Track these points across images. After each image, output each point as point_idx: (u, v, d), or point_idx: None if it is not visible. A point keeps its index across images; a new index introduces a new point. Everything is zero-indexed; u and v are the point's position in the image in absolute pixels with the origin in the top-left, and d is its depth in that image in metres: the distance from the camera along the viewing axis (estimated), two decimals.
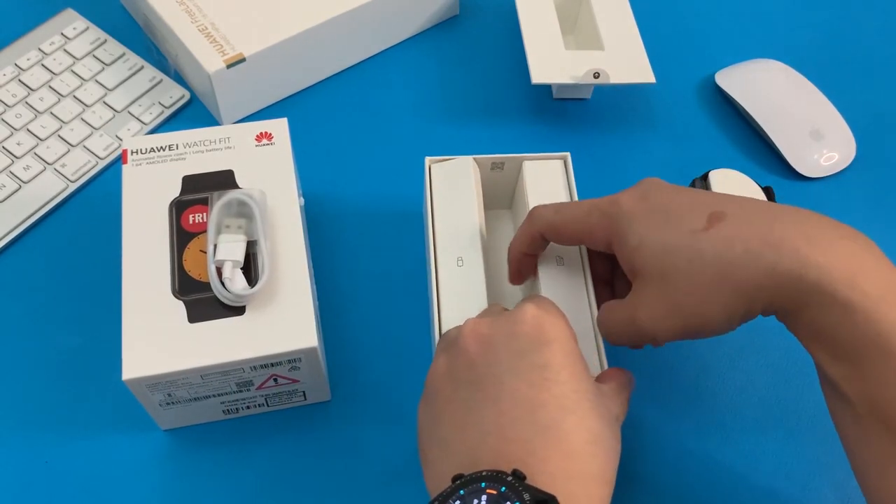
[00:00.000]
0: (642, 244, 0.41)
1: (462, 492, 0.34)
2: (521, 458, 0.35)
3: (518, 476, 0.34)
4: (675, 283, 0.40)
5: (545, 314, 0.40)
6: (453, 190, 0.53)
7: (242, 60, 0.61)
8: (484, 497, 0.33)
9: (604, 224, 0.44)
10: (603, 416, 0.38)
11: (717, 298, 0.39)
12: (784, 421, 0.54)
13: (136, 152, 0.53)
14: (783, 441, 0.53)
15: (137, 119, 0.64)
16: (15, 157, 0.61)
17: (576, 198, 0.53)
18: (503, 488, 0.33)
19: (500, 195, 0.59)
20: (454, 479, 0.35)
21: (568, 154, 0.55)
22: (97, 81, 0.65)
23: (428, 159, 0.54)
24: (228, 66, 0.61)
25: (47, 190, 0.60)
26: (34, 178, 0.60)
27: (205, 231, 0.49)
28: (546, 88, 0.69)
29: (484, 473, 0.34)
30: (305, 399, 0.52)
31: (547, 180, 0.54)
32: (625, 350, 0.45)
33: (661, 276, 0.40)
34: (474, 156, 0.54)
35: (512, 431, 0.36)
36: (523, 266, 0.50)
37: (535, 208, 0.47)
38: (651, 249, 0.41)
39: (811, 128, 0.66)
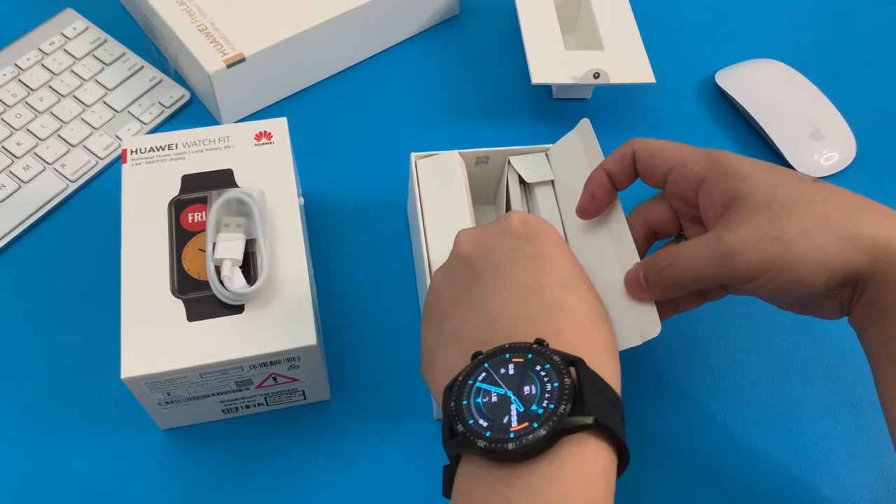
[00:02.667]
0: (750, 176, 0.41)
1: (487, 365, 0.35)
2: (534, 333, 0.37)
3: (542, 343, 0.35)
4: (779, 213, 0.40)
5: (530, 216, 0.42)
6: (441, 185, 0.53)
7: (242, 60, 0.61)
8: (511, 365, 0.35)
9: (703, 157, 0.44)
10: (594, 294, 0.41)
11: (819, 239, 0.39)
12: (785, 420, 0.53)
13: (136, 152, 0.53)
14: (784, 440, 0.53)
15: (137, 119, 0.64)
16: (15, 156, 0.61)
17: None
18: (529, 355, 0.35)
19: (484, 190, 0.59)
20: (474, 356, 0.37)
21: (549, 146, 0.55)
22: (97, 81, 0.66)
23: (413, 155, 0.54)
24: (228, 66, 0.61)
25: (47, 190, 0.60)
26: (34, 177, 0.60)
27: (204, 230, 0.49)
28: (546, 88, 0.69)
29: (507, 346, 0.36)
30: (305, 398, 0.52)
31: (530, 172, 0.55)
32: (624, 351, 0.45)
33: (766, 205, 0.40)
34: (459, 150, 0.55)
35: (519, 310, 0.38)
36: (598, 190, 0.47)
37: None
38: (760, 181, 0.41)
39: (811, 128, 0.65)
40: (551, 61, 0.64)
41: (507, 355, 0.35)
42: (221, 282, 0.47)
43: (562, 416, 0.33)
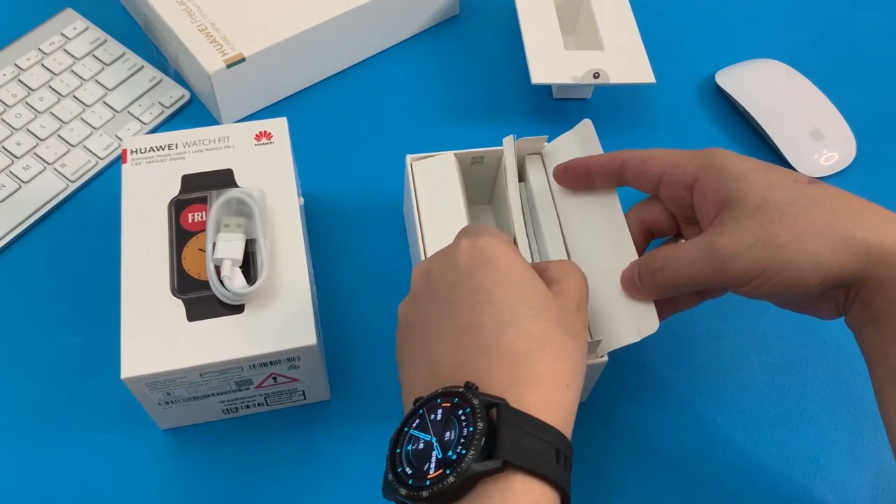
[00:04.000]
0: (744, 177, 0.41)
1: (421, 411, 0.36)
2: (473, 379, 0.36)
3: (470, 387, 0.35)
4: (772, 217, 0.40)
5: (478, 238, 0.40)
6: (437, 186, 0.53)
7: (242, 60, 0.61)
8: (440, 411, 0.35)
9: (695, 157, 0.44)
10: (550, 318, 0.38)
11: (813, 243, 0.39)
12: (785, 420, 0.53)
13: (136, 152, 0.53)
14: (784, 440, 0.53)
15: (137, 119, 0.64)
16: (15, 156, 0.61)
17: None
18: (455, 399, 0.35)
19: (480, 190, 0.59)
20: (414, 402, 0.37)
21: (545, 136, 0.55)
22: (97, 81, 0.66)
23: (409, 157, 0.54)
24: (228, 66, 0.61)
25: (47, 190, 0.60)
26: (34, 177, 0.60)
27: (204, 230, 0.49)
28: (546, 88, 0.69)
29: (439, 391, 0.36)
30: (305, 398, 0.52)
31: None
32: (623, 349, 0.45)
33: (759, 209, 0.40)
34: (455, 151, 0.55)
35: (457, 357, 0.37)
36: (573, 168, 0.50)
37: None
38: (754, 183, 0.41)
39: (811, 128, 0.65)
40: (551, 61, 0.64)
41: (439, 400, 0.36)
42: (221, 282, 0.47)
43: (469, 463, 0.33)
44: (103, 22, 0.69)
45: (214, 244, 0.48)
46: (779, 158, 0.65)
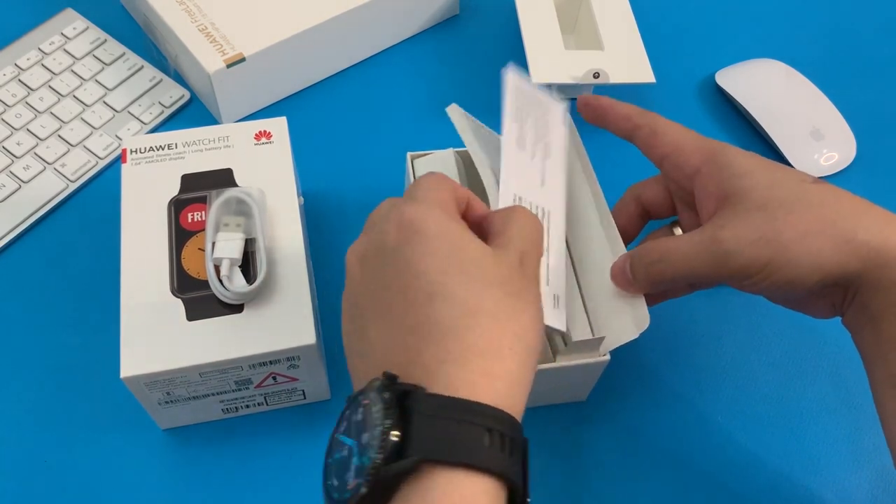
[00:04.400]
0: (749, 173, 0.41)
1: (347, 413, 0.34)
2: (397, 362, 0.34)
3: (385, 378, 0.33)
4: (775, 214, 0.40)
5: (404, 211, 0.37)
6: None
7: (242, 60, 0.61)
8: (360, 410, 0.33)
9: (701, 149, 0.44)
10: (486, 279, 0.35)
11: (815, 242, 0.39)
12: (785, 420, 0.53)
13: (136, 151, 0.53)
14: (784, 440, 0.53)
15: (137, 119, 0.64)
16: (15, 156, 0.61)
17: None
18: (372, 394, 0.32)
19: (480, 189, 0.58)
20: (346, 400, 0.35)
21: None
22: (97, 81, 0.66)
23: (410, 154, 0.54)
24: (228, 66, 0.61)
25: (47, 190, 0.60)
26: (34, 177, 0.60)
27: (203, 229, 0.49)
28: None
29: (364, 386, 0.33)
30: (305, 398, 0.52)
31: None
32: (624, 348, 0.45)
33: (763, 206, 0.40)
34: (455, 149, 0.54)
35: (389, 342, 0.35)
36: (597, 110, 0.49)
37: None
38: (758, 179, 0.41)
39: (811, 127, 0.65)
40: (551, 61, 0.64)
41: (360, 398, 0.33)
42: (221, 281, 0.46)
43: (378, 467, 0.30)
44: (103, 22, 0.69)
45: (214, 244, 0.48)
46: (779, 158, 0.65)
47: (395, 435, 0.31)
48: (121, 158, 0.52)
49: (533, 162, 0.48)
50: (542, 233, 0.40)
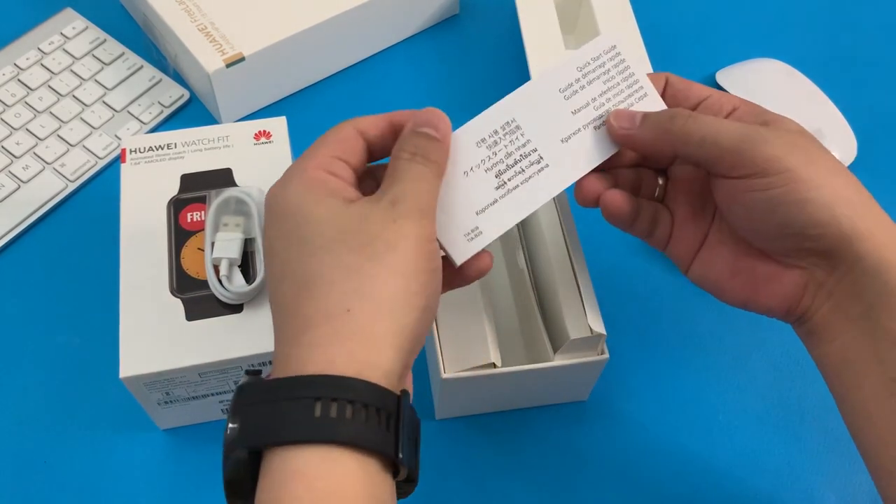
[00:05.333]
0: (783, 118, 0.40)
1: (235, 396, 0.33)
2: (276, 352, 0.34)
3: (246, 370, 0.34)
4: (812, 143, 0.39)
5: (267, 194, 0.37)
6: None
7: (242, 60, 0.61)
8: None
9: (737, 98, 0.42)
10: (327, 244, 0.33)
11: (837, 184, 0.37)
12: (786, 420, 0.53)
13: (135, 151, 0.52)
14: (785, 440, 0.53)
15: (137, 119, 0.64)
16: (14, 156, 0.61)
17: None
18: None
19: None
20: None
21: None
22: (96, 81, 0.65)
23: None
24: (228, 66, 0.60)
25: (46, 189, 0.60)
26: (33, 177, 0.60)
27: (203, 229, 0.49)
28: None
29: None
30: None
31: None
32: (624, 348, 0.45)
33: (802, 131, 0.39)
34: None
35: (292, 309, 0.34)
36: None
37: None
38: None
39: (812, 127, 0.65)
40: (551, 61, 0.64)
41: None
42: (220, 281, 0.46)
43: (223, 461, 0.31)
44: (103, 21, 0.69)
45: (213, 243, 0.48)
46: None
47: (230, 429, 0.31)
48: (120, 158, 0.52)
49: (569, 116, 0.43)
50: (438, 155, 0.38)
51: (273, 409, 0.31)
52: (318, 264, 0.33)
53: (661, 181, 0.45)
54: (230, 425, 0.31)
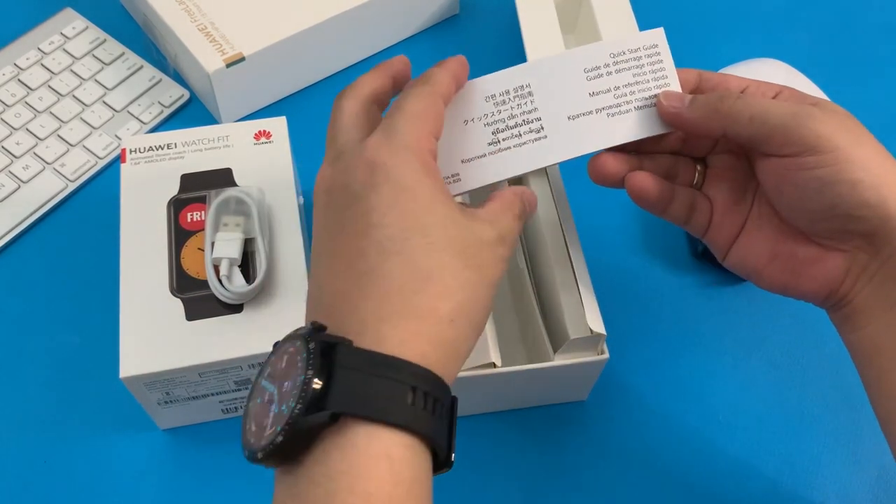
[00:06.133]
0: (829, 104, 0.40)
1: (273, 357, 0.33)
2: (338, 308, 0.34)
3: (313, 328, 0.32)
4: (857, 126, 0.39)
5: (380, 151, 0.35)
6: None
7: (242, 60, 0.61)
8: (285, 357, 0.32)
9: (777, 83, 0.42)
10: (450, 249, 0.34)
11: (882, 164, 0.37)
12: (786, 419, 0.53)
13: (135, 151, 0.52)
14: (785, 439, 0.53)
15: (137, 118, 0.64)
16: (14, 156, 0.61)
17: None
18: (297, 342, 0.32)
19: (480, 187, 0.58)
20: (274, 345, 0.34)
21: None
22: (96, 81, 0.65)
23: None
24: (228, 66, 0.60)
25: (46, 189, 0.60)
26: (33, 177, 0.60)
27: (203, 229, 0.49)
28: None
29: (290, 333, 0.33)
30: None
31: None
32: (624, 348, 0.45)
33: (848, 115, 0.39)
34: None
35: (336, 285, 0.34)
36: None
37: None
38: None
39: None
40: None
41: (286, 345, 0.33)
42: (220, 281, 0.46)
43: (295, 418, 0.30)
44: (103, 21, 0.69)
45: (213, 243, 0.48)
46: None
47: (315, 385, 0.30)
48: (120, 158, 0.52)
49: (585, 97, 0.42)
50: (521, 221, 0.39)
51: (370, 382, 0.31)
52: (438, 266, 0.34)
53: (699, 168, 0.45)
54: (315, 381, 0.30)
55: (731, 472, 0.51)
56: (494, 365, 0.46)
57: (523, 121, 0.42)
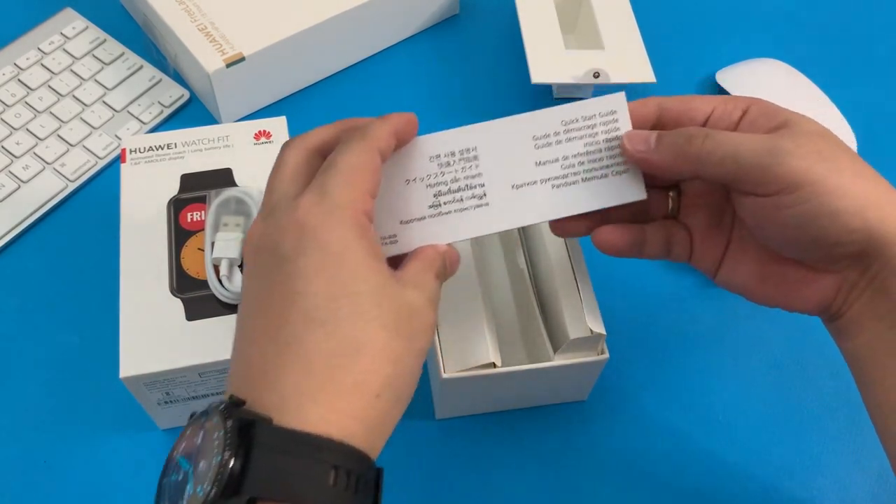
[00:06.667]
0: (797, 115, 0.39)
1: (189, 431, 0.32)
2: (259, 381, 0.32)
3: (231, 403, 0.31)
4: (836, 143, 0.37)
5: (311, 213, 0.34)
6: None
7: (242, 60, 0.61)
8: (201, 432, 0.31)
9: (744, 98, 0.41)
10: (379, 318, 0.33)
11: (864, 185, 0.36)
12: (786, 419, 0.53)
13: (135, 151, 0.52)
14: (786, 440, 0.53)
15: (137, 118, 0.64)
16: (14, 156, 0.61)
17: None
18: (215, 419, 0.30)
19: None
20: (190, 416, 0.33)
21: None
22: (96, 81, 0.65)
23: None
24: (228, 66, 0.60)
25: (46, 189, 0.60)
26: (33, 177, 0.60)
27: (203, 229, 0.49)
28: (546, 88, 0.69)
29: (209, 407, 0.32)
30: None
31: None
32: (624, 348, 0.45)
33: (822, 133, 0.38)
34: None
35: (256, 355, 0.33)
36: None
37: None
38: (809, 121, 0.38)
39: None
40: (551, 61, 0.64)
41: (203, 419, 0.31)
42: (220, 281, 0.46)
43: (211, 502, 0.29)
44: (103, 21, 0.69)
45: (213, 243, 0.48)
46: None
47: (231, 467, 0.29)
48: (120, 158, 0.52)
49: (531, 166, 0.41)
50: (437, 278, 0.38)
51: (289, 463, 0.30)
52: (366, 339, 0.33)
53: (672, 195, 0.43)
54: (231, 462, 0.29)
55: (731, 473, 0.51)
56: (494, 365, 0.46)
57: (466, 185, 0.40)
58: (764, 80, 0.68)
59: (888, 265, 0.36)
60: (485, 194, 0.40)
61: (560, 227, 0.42)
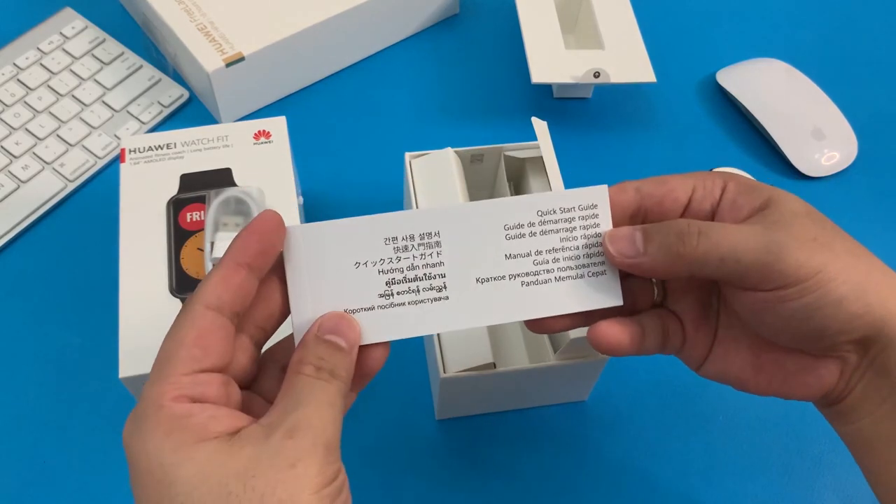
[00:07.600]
0: (779, 192, 0.37)
1: None
2: None
3: None
4: (824, 224, 0.36)
5: (126, 433, 0.31)
6: (436, 183, 0.52)
7: (241, 59, 0.61)
8: None
9: (718, 173, 0.38)
10: (204, 497, 0.29)
11: (863, 268, 0.35)
12: (787, 420, 0.53)
13: (135, 151, 0.52)
14: (786, 440, 0.52)
15: (136, 118, 0.64)
16: (13, 156, 0.61)
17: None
18: None
19: (480, 188, 0.58)
20: None
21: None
22: (96, 81, 0.65)
23: (408, 154, 0.54)
24: (227, 66, 0.60)
25: (46, 189, 0.60)
26: (33, 177, 0.60)
27: (202, 229, 0.49)
28: (546, 88, 0.69)
29: None
30: None
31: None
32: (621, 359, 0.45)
33: (809, 213, 0.36)
34: (454, 148, 0.54)
35: None
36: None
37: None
38: (791, 198, 0.36)
39: (813, 127, 0.65)
40: (551, 60, 0.64)
41: None
42: None
43: None
44: (102, 21, 0.69)
45: (213, 243, 0.47)
46: (780, 158, 0.65)
47: None
48: (119, 158, 0.52)
49: (500, 259, 0.37)
50: (346, 369, 0.34)
51: None
52: None
53: (655, 281, 0.40)
54: None
55: (731, 473, 0.51)
56: (494, 365, 0.46)
57: (425, 275, 0.36)
58: (765, 80, 0.68)
59: (889, 346, 0.35)
60: (444, 286, 0.36)
61: (538, 324, 0.38)
